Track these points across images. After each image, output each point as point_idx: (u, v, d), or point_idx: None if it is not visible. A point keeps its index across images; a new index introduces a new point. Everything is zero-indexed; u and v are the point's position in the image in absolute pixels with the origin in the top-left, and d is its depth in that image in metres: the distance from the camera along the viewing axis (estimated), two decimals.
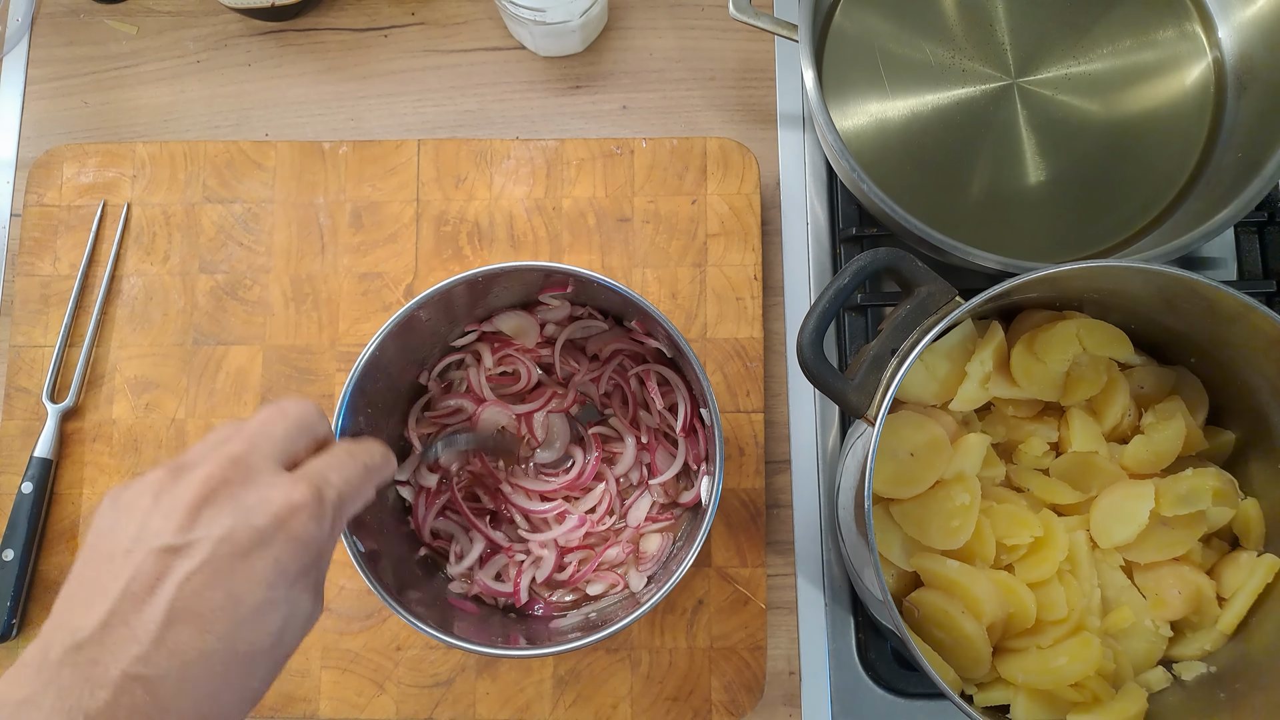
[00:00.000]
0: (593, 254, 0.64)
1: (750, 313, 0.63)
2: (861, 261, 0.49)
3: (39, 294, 0.64)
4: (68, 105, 0.69)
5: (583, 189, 0.65)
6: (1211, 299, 0.48)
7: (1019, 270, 0.53)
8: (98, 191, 0.66)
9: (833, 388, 0.48)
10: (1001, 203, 0.62)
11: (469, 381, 0.60)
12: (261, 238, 0.65)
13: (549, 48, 0.67)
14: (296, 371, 0.63)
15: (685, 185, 0.65)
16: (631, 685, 0.59)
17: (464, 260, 0.64)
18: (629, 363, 0.60)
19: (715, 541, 0.61)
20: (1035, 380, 0.53)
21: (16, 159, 0.68)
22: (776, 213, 0.67)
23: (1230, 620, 0.51)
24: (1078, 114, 0.64)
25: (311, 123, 0.68)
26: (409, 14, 0.70)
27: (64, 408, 0.62)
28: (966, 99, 0.64)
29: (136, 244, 0.65)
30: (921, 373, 0.52)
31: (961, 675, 0.50)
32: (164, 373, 0.63)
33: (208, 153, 0.66)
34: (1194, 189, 0.62)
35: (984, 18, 0.65)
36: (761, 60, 0.69)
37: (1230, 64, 0.64)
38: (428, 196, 0.65)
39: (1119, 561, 0.52)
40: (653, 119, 0.68)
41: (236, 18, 0.70)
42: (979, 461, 0.51)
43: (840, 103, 0.64)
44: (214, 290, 0.64)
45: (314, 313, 0.64)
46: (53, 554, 0.61)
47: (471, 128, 0.68)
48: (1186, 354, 0.54)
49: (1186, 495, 0.50)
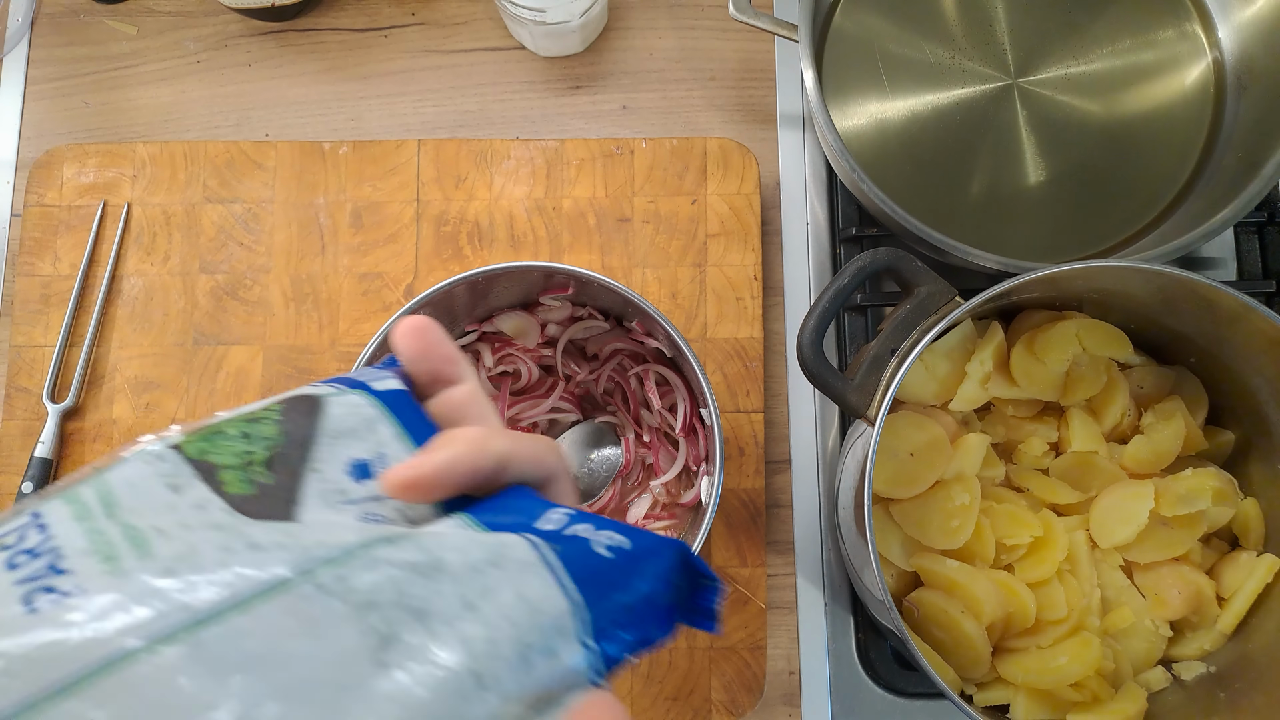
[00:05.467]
0: (593, 254, 0.64)
1: (750, 313, 0.64)
2: (861, 261, 0.49)
3: (39, 294, 0.64)
4: (68, 105, 0.69)
5: (583, 189, 0.65)
6: (1211, 299, 0.48)
7: (1019, 270, 0.53)
8: (98, 191, 0.66)
9: (833, 388, 0.48)
10: (1001, 203, 0.62)
11: None
12: (261, 238, 0.65)
13: (549, 48, 0.67)
14: (297, 371, 0.63)
15: (685, 185, 0.65)
16: (631, 685, 0.59)
17: (464, 260, 0.65)
18: (629, 362, 0.60)
19: (715, 541, 0.61)
20: (1035, 380, 0.53)
21: (16, 159, 0.68)
22: (776, 213, 0.67)
23: (1230, 620, 0.51)
24: (1077, 114, 0.64)
25: (311, 123, 0.68)
26: (409, 14, 0.70)
27: (64, 408, 0.62)
28: (966, 99, 0.64)
29: (137, 244, 0.65)
30: (921, 373, 0.53)
31: (961, 675, 0.50)
32: (164, 373, 0.63)
33: (208, 153, 0.66)
34: (1194, 189, 0.62)
35: (984, 18, 0.65)
36: (761, 60, 0.69)
37: (1230, 64, 0.64)
38: (428, 196, 0.65)
39: (1119, 561, 0.52)
40: (653, 119, 0.68)
41: (237, 18, 0.70)
42: (979, 461, 0.51)
43: (840, 103, 0.64)
44: (214, 290, 0.64)
45: (314, 313, 0.64)
46: None
47: (471, 128, 0.68)
48: (1186, 354, 0.54)
49: (1186, 495, 0.50)
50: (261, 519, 0.21)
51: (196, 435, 0.23)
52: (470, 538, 0.22)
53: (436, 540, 0.21)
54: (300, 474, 0.23)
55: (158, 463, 0.21)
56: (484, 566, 0.21)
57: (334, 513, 0.22)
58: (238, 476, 0.22)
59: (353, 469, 0.24)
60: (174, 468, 0.21)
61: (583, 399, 0.61)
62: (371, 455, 0.24)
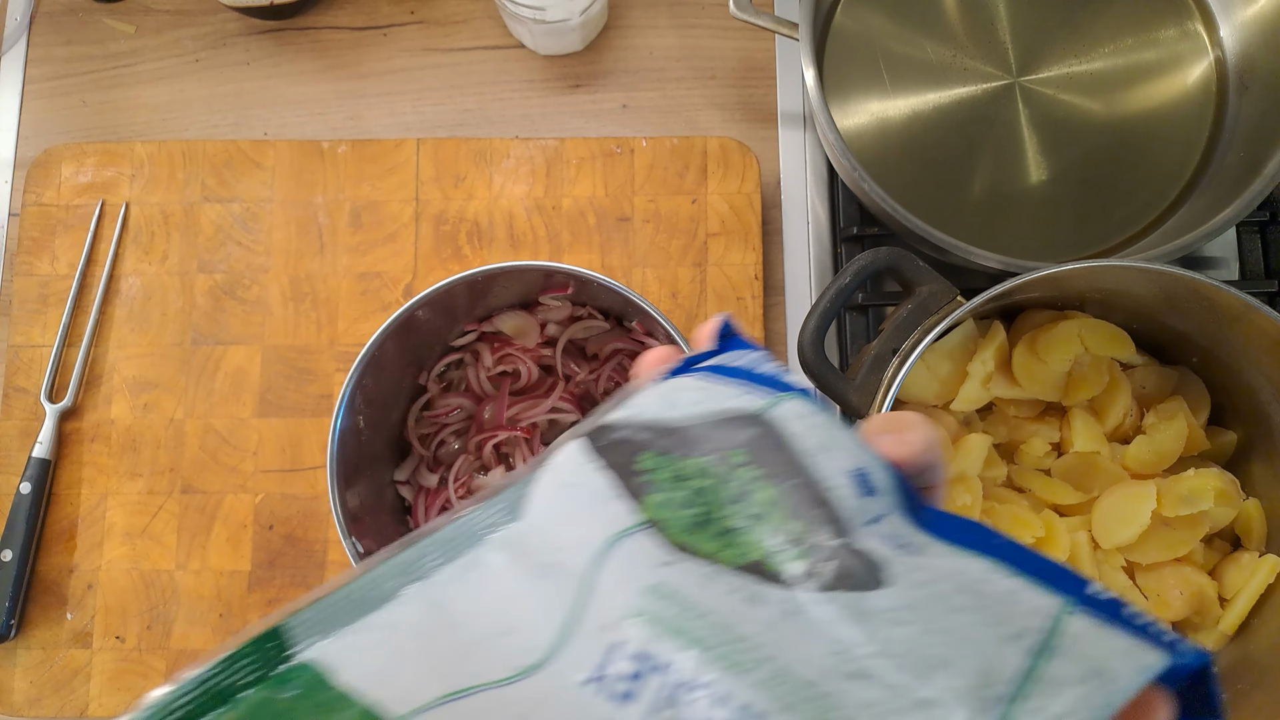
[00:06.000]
0: (593, 253, 0.64)
1: (751, 312, 0.63)
2: (862, 261, 0.48)
3: (37, 294, 0.64)
4: (66, 104, 0.68)
5: (583, 188, 0.65)
6: (1213, 299, 0.47)
7: (1020, 270, 0.53)
8: (96, 191, 0.65)
9: (834, 388, 0.48)
10: (1003, 202, 0.62)
11: (469, 381, 0.60)
12: (260, 237, 0.65)
13: (549, 46, 0.67)
14: (295, 371, 0.63)
15: (685, 184, 0.65)
16: None
17: (463, 260, 0.64)
18: (629, 362, 0.60)
19: None
20: (1037, 380, 0.52)
21: (15, 158, 0.68)
22: (777, 212, 0.66)
23: (1232, 621, 0.50)
24: (1079, 113, 0.63)
25: (310, 122, 0.68)
26: (408, 13, 0.70)
27: (62, 408, 0.62)
28: (968, 98, 0.64)
29: (135, 243, 0.65)
30: (923, 373, 0.52)
31: None
32: (162, 372, 0.63)
33: (206, 152, 0.66)
34: (1196, 188, 0.62)
35: (985, 16, 0.65)
36: (762, 59, 0.69)
37: (1232, 63, 0.64)
38: (427, 196, 0.65)
39: (1121, 562, 0.52)
40: (653, 118, 0.68)
41: (235, 17, 0.69)
42: (980, 462, 0.51)
43: (841, 101, 0.64)
44: (212, 290, 0.64)
45: (313, 312, 0.64)
46: (51, 554, 0.61)
47: (471, 127, 0.68)
48: (1188, 354, 0.54)
49: (1188, 495, 0.50)
50: (856, 590, 0.17)
51: (715, 545, 0.19)
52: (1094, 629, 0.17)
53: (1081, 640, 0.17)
54: (842, 518, 0.19)
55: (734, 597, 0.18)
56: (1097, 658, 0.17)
57: (876, 541, 0.19)
58: (788, 557, 0.18)
59: (855, 482, 0.20)
60: (731, 582, 0.18)
61: (583, 399, 0.61)
62: (857, 463, 0.20)
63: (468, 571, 0.19)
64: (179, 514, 0.61)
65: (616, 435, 0.21)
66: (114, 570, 0.61)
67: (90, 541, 0.61)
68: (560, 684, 0.17)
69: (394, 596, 0.19)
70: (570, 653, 0.18)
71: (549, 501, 0.20)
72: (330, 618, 0.19)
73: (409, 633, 0.18)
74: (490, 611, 0.19)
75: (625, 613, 0.18)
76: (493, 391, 0.59)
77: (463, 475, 0.59)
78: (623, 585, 0.18)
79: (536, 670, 0.18)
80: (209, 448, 0.62)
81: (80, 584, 0.61)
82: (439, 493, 0.58)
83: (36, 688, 0.59)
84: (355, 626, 0.18)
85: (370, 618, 0.19)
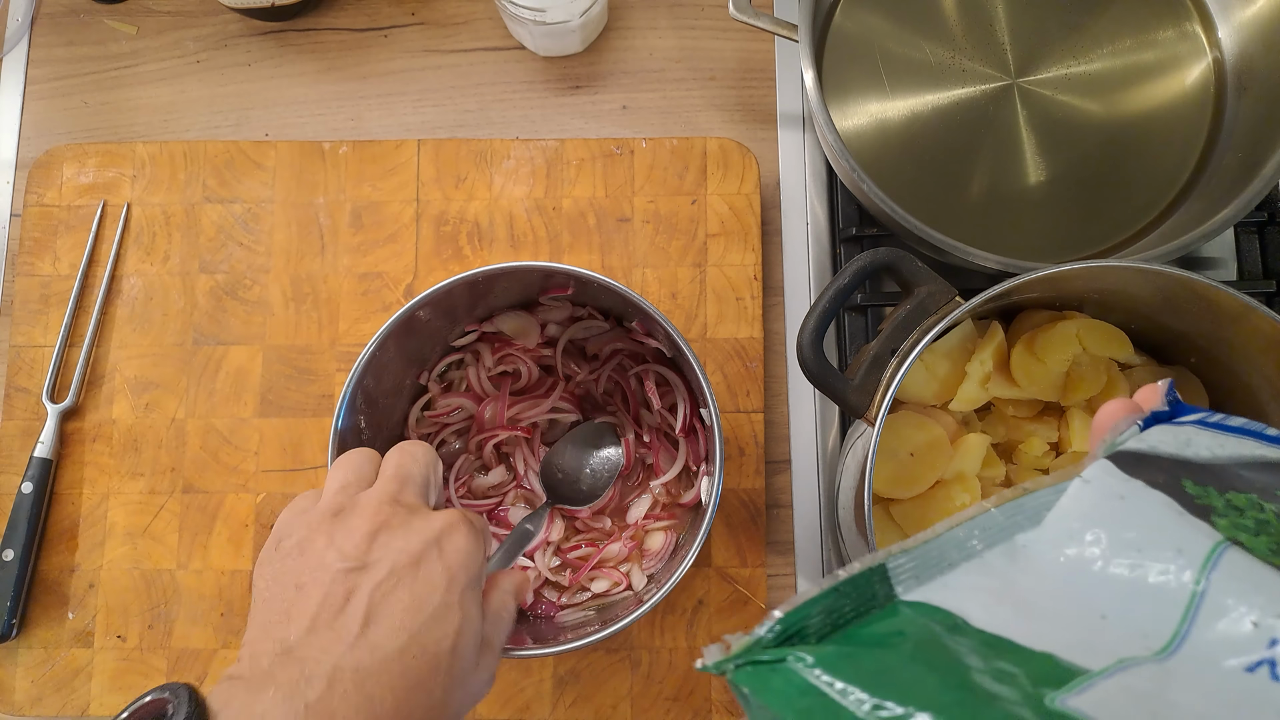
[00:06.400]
0: (593, 254, 0.64)
1: (750, 313, 0.63)
2: (861, 261, 0.48)
3: (39, 294, 0.64)
4: (67, 105, 0.69)
5: (583, 189, 0.65)
6: (1211, 299, 0.48)
7: (1019, 270, 0.53)
8: (97, 191, 0.66)
9: (833, 388, 0.48)
10: (1001, 202, 0.62)
11: (469, 381, 0.60)
12: (261, 238, 0.65)
13: (549, 47, 0.67)
14: (296, 371, 0.63)
15: (685, 185, 0.65)
16: (631, 685, 0.59)
17: (464, 260, 0.64)
18: (629, 362, 0.60)
19: (715, 542, 0.61)
20: (1035, 380, 0.53)
21: (16, 159, 0.68)
22: (776, 213, 0.67)
23: None
24: (1078, 114, 0.64)
25: (311, 123, 0.68)
26: (409, 14, 0.70)
27: (64, 408, 0.62)
28: (966, 99, 0.64)
29: (136, 244, 0.65)
30: (921, 373, 0.52)
31: None
32: (164, 372, 0.63)
33: (207, 153, 0.66)
34: (1194, 189, 0.62)
35: (984, 17, 0.65)
36: (761, 60, 0.69)
37: (1230, 64, 0.64)
38: (427, 196, 0.65)
39: None
40: (653, 119, 0.68)
41: (236, 18, 0.70)
42: (979, 462, 0.51)
43: (840, 103, 0.64)
44: (214, 290, 0.64)
45: (314, 313, 0.64)
46: (53, 554, 0.61)
47: (471, 128, 0.68)
48: (1187, 354, 0.54)
49: None
50: None
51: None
52: None
53: None
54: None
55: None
56: None
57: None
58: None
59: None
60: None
61: (583, 399, 0.61)
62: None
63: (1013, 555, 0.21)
64: (180, 513, 0.62)
65: (1149, 463, 0.22)
66: (115, 570, 0.61)
67: (92, 541, 0.61)
68: (1204, 667, 0.18)
69: (972, 556, 0.21)
70: (1205, 640, 0.19)
71: (1096, 505, 0.21)
72: (922, 566, 0.21)
73: (1012, 596, 0.20)
74: (1070, 594, 0.20)
75: (1271, 612, 0.19)
76: (493, 391, 0.59)
77: (463, 475, 0.59)
78: (1244, 588, 0.19)
79: (1172, 652, 0.19)
80: (210, 447, 0.62)
81: (82, 583, 0.61)
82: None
83: (38, 687, 0.59)
84: (944, 580, 0.20)
85: (951, 576, 0.21)
